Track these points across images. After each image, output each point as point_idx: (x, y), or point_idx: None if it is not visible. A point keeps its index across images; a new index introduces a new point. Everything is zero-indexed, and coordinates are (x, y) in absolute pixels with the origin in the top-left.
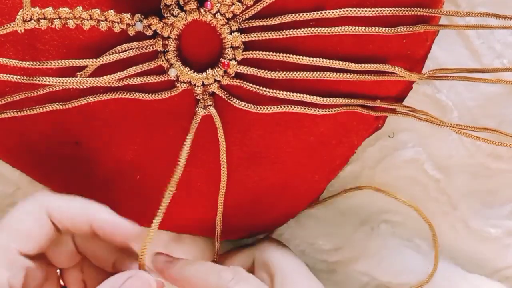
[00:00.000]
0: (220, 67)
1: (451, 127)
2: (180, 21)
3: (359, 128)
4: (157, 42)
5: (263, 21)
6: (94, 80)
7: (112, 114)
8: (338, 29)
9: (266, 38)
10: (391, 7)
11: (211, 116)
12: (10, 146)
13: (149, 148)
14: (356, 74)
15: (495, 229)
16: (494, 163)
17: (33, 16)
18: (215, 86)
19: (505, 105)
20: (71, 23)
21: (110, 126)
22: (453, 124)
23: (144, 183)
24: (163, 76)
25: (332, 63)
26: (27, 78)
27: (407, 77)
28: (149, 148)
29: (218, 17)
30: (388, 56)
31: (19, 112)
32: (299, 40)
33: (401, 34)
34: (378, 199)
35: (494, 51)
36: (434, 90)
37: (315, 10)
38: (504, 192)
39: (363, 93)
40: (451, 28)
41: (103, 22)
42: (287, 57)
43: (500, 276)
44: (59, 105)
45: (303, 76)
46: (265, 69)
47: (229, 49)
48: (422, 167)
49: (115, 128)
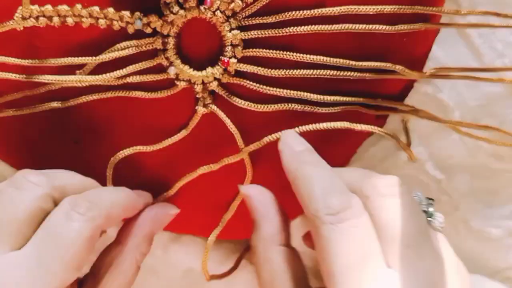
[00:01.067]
0: (220, 65)
1: (452, 123)
2: (179, 19)
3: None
4: (156, 40)
5: (263, 19)
6: (94, 78)
7: (112, 113)
8: (338, 27)
9: (266, 36)
10: (392, 5)
11: (211, 116)
12: (10, 145)
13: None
14: (357, 72)
15: (497, 230)
16: (496, 164)
17: (32, 14)
18: (214, 84)
19: (507, 105)
20: (70, 21)
21: (110, 124)
22: (454, 121)
23: (144, 182)
24: (163, 74)
25: (332, 61)
26: (26, 76)
27: (408, 75)
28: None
29: (218, 15)
30: (389, 54)
31: (19, 111)
32: (299, 37)
33: (401, 32)
34: None
35: (496, 50)
36: (435, 89)
37: (316, 7)
38: (505, 192)
39: (363, 91)
40: (452, 26)
41: (102, 20)
42: (288, 54)
43: (501, 276)
44: (58, 103)
45: (303, 74)
46: (265, 67)
47: (229, 47)
48: (423, 167)
49: (114, 127)
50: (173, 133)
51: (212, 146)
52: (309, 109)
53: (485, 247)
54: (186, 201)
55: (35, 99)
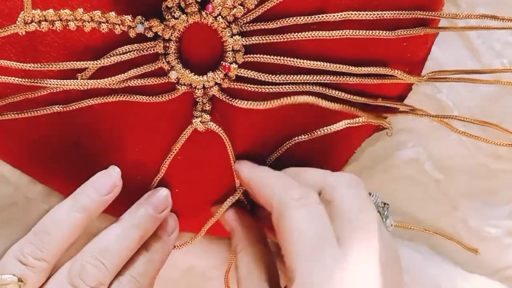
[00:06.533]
0: (221, 70)
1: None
2: (181, 24)
3: (359, 128)
4: (158, 44)
5: (264, 25)
6: (95, 82)
7: (113, 117)
8: (339, 33)
9: (267, 42)
10: (392, 10)
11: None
12: (11, 147)
13: (149, 151)
14: (357, 77)
15: (496, 229)
16: (495, 163)
17: (34, 18)
18: (215, 89)
19: (505, 105)
20: (72, 25)
21: (110, 128)
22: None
23: (145, 185)
24: (164, 78)
25: (332, 67)
26: (28, 80)
27: (406, 80)
28: (149, 150)
29: (220, 20)
30: (389, 59)
31: (20, 114)
32: (300, 43)
33: (401, 37)
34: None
35: (494, 50)
36: (435, 90)
37: (316, 13)
38: (504, 192)
39: (363, 94)
40: (451, 30)
41: (104, 24)
42: (288, 60)
43: (500, 276)
44: (59, 107)
45: (304, 79)
46: (266, 73)
47: (230, 52)
48: (422, 167)
49: (115, 131)
50: (173, 137)
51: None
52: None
53: (484, 247)
54: (184, 200)
55: (36, 103)
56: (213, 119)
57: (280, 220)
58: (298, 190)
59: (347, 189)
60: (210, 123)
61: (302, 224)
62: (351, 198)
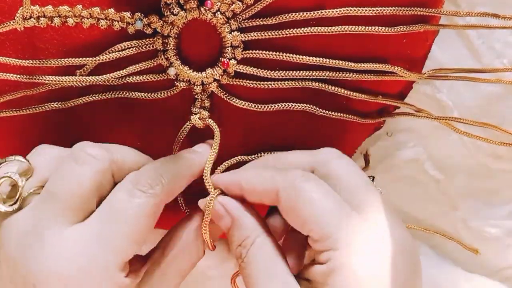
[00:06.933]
0: (220, 66)
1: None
2: (180, 20)
3: (359, 128)
4: (156, 40)
5: (263, 20)
6: (94, 78)
7: (111, 114)
8: (338, 29)
9: (266, 37)
10: (391, 6)
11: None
12: (9, 145)
13: (148, 148)
14: (356, 73)
15: (496, 229)
16: (494, 163)
17: (32, 14)
18: (214, 86)
19: (506, 105)
20: (71, 21)
21: (109, 125)
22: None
23: None
24: (163, 75)
25: (332, 63)
26: (26, 76)
27: (406, 77)
28: (148, 147)
29: (218, 16)
30: (388, 55)
31: (19, 111)
32: (299, 39)
33: (401, 34)
34: None
35: (494, 50)
36: (435, 90)
37: (315, 9)
38: (504, 192)
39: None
40: (451, 27)
41: (103, 20)
42: (287, 56)
43: (500, 276)
44: (58, 104)
45: (303, 75)
46: (265, 69)
47: (228, 48)
48: (422, 167)
49: (114, 128)
50: (172, 133)
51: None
52: (309, 109)
53: (484, 247)
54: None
55: (35, 100)
56: (212, 116)
57: (294, 198)
58: (297, 171)
59: (339, 159)
60: (208, 120)
61: (319, 194)
62: (344, 166)
